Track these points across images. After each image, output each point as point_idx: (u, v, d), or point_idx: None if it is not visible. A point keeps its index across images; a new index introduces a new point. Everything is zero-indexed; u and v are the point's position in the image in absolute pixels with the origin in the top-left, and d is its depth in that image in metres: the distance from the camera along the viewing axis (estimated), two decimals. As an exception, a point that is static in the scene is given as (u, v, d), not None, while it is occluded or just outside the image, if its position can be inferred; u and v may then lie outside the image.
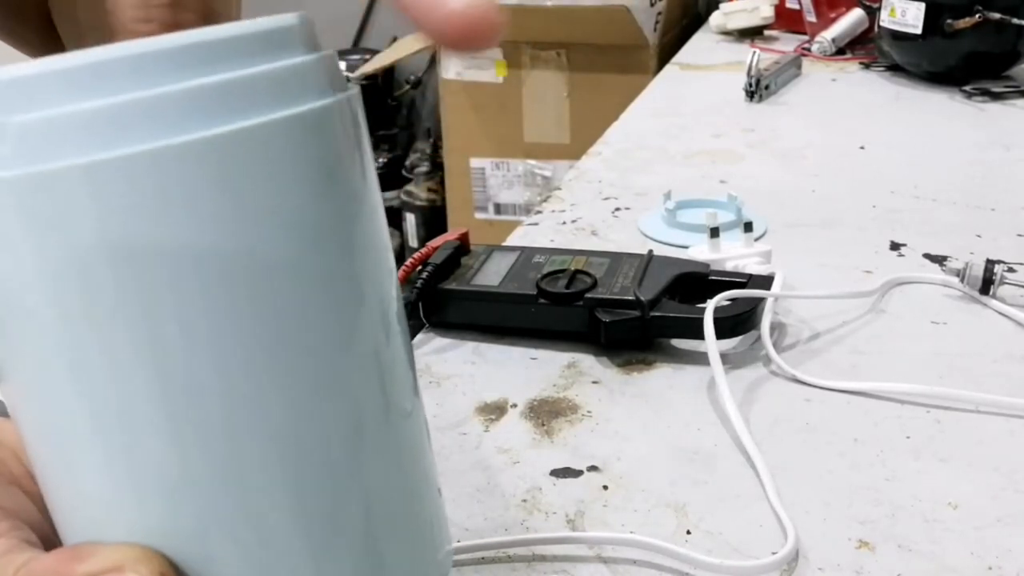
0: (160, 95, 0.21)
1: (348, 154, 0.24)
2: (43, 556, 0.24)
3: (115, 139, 0.20)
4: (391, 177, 2.36)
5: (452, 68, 1.86)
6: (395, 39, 2.34)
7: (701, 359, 0.56)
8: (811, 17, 1.41)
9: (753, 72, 1.14)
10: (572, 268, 0.60)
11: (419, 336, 0.61)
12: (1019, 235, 0.75)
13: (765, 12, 1.48)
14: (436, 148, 2.30)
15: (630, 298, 0.57)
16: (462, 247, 0.64)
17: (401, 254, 2.28)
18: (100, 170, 0.20)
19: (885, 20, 1.19)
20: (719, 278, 0.62)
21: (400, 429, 0.26)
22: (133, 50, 0.21)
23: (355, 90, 0.24)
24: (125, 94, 0.20)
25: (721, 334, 0.55)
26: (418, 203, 2.30)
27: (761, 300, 0.59)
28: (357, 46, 2.48)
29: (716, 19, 1.52)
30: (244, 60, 0.22)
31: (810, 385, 0.54)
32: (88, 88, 0.20)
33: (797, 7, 1.46)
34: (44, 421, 0.23)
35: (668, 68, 1.37)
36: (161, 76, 0.21)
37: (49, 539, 0.25)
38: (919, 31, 1.14)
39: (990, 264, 0.63)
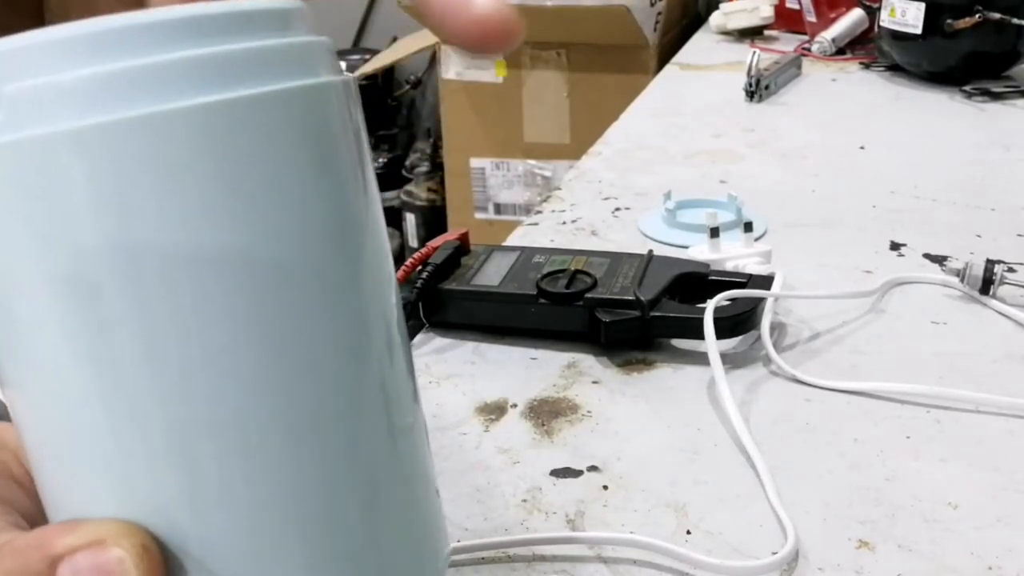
0: (151, 64, 0.21)
1: (342, 135, 0.24)
2: (27, 533, 0.24)
3: (105, 105, 0.21)
4: (391, 177, 2.36)
5: (452, 68, 1.86)
6: (395, 39, 2.34)
7: (701, 359, 0.56)
8: (811, 17, 1.41)
9: (753, 72, 1.14)
10: (572, 268, 0.60)
11: (419, 336, 0.61)
12: (1019, 235, 0.75)
13: (765, 12, 1.48)
14: (436, 148, 2.30)
15: (630, 298, 0.57)
16: (462, 247, 0.64)
17: (401, 254, 2.28)
18: (89, 134, 0.21)
19: (885, 20, 1.19)
20: (719, 278, 0.62)
21: (400, 430, 0.26)
22: (126, 22, 0.21)
23: (350, 77, 0.25)
24: (115, 63, 0.21)
25: (721, 334, 0.55)
26: (418, 203, 2.30)
27: (761, 300, 0.59)
28: (357, 46, 2.48)
29: (716, 19, 1.52)
30: (237, 36, 0.22)
31: (810, 385, 0.54)
32: (80, 57, 0.21)
33: (797, 7, 1.46)
34: (32, 395, 0.23)
35: (668, 68, 1.37)
36: (152, 47, 0.21)
37: None
38: (919, 31, 1.14)
39: (990, 264, 0.63)
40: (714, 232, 0.67)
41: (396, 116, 2.50)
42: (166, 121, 0.21)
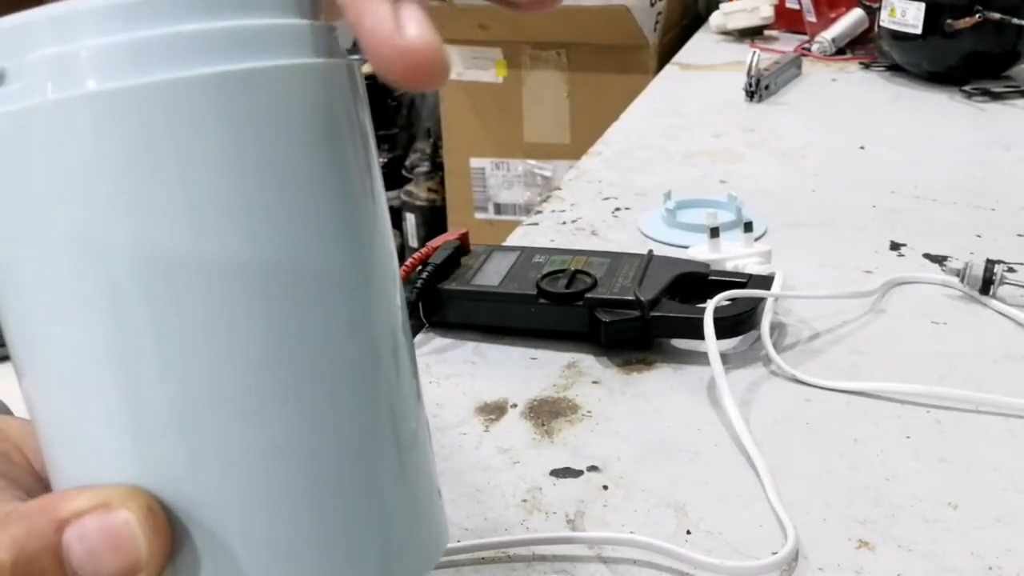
0: (169, 34, 0.22)
1: (352, 109, 0.25)
2: (34, 500, 0.24)
3: (123, 72, 0.21)
4: (391, 177, 2.35)
5: (452, 68, 1.86)
6: (395, 39, 2.33)
7: (701, 359, 0.56)
8: (811, 17, 1.41)
9: (753, 72, 1.14)
10: (572, 268, 0.60)
11: (419, 336, 0.61)
12: (1019, 235, 0.75)
13: (765, 12, 1.48)
14: (436, 148, 2.30)
15: (630, 298, 0.57)
16: (462, 247, 0.64)
17: (401, 254, 2.27)
18: (108, 98, 0.21)
19: (885, 20, 1.19)
20: (719, 278, 0.62)
21: (404, 426, 0.26)
22: None
23: (355, 61, 0.25)
24: (135, 33, 0.22)
25: (721, 334, 0.55)
26: (418, 203, 2.30)
27: (761, 300, 0.59)
28: (357, 46, 2.47)
29: (716, 19, 1.52)
30: (251, 13, 0.23)
31: (810, 385, 0.54)
32: (100, 27, 0.22)
33: (797, 7, 1.46)
34: (43, 369, 0.23)
35: (668, 68, 1.37)
36: (170, 19, 0.22)
37: None
38: (919, 31, 1.14)
39: (990, 264, 0.63)
40: (714, 232, 0.67)
41: (396, 116, 2.50)
42: (185, 87, 0.22)
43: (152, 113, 0.21)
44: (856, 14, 1.37)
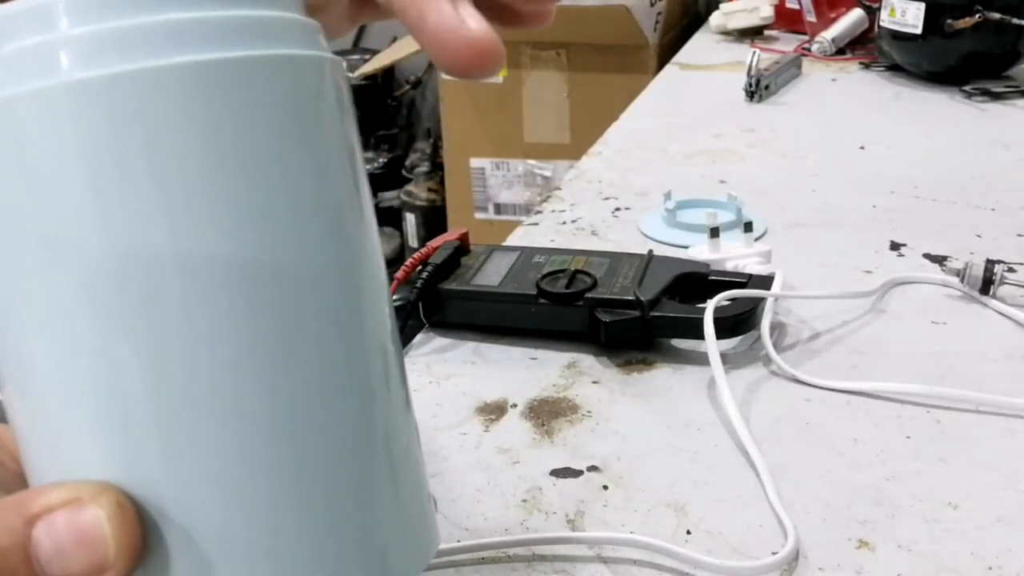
0: (149, 23, 0.22)
1: (328, 109, 0.24)
2: (5, 497, 0.23)
3: (100, 61, 0.21)
4: (391, 177, 2.36)
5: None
6: (395, 39, 2.34)
7: (701, 359, 0.56)
8: (811, 17, 1.41)
9: (753, 72, 1.14)
10: (572, 268, 0.60)
11: (419, 336, 0.61)
12: (1019, 235, 0.75)
13: (765, 12, 1.48)
14: (436, 148, 2.30)
15: (630, 298, 0.57)
16: (462, 247, 0.64)
17: (401, 254, 2.28)
18: (85, 86, 0.21)
19: (885, 20, 1.19)
20: (719, 278, 0.62)
21: (393, 431, 0.26)
22: None
23: (338, 59, 0.25)
24: (113, 22, 0.22)
25: (721, 334, 0.55)
26: (418, 203, 2.30)
27: (761, 300, 0.59)
28: (357, 46, 2.48)
29: (716, 19, 1.52)
30: (231, 4, 0.23)
31: (810, 385, 0.54)
32: (79, 16, 0.22)
33: (797, 7, 1.46)
34: (14, 360, 0.23)
35: (668, 68, 1.37)
36: (150, 9, 0.22)
37: None
38: (919, 31, 1.14)
39: (990, 264, 0.63)
40: (714, 232, 0.67)
41: (396, 116, 2.50)
42: (160, 75, 0.22)
43: (125, 101, 0.21)
44: (856, 14, 1.37)
